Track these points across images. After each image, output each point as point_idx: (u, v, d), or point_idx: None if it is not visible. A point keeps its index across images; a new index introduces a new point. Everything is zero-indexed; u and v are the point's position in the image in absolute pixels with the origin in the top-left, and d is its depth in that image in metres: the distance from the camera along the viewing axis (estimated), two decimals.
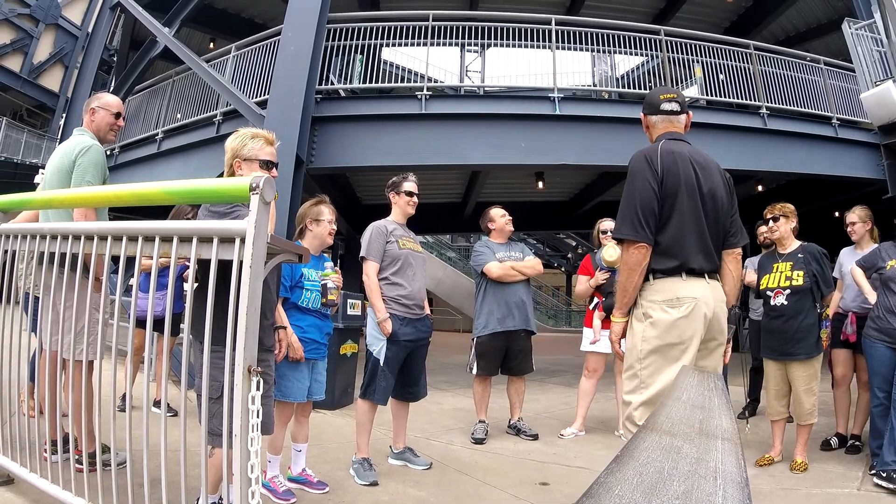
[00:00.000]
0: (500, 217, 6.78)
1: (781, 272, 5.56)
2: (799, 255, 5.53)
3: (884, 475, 4.80)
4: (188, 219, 5.91)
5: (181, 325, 2.92)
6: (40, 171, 4.99)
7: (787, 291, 5.46)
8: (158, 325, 3.52)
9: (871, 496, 4.75)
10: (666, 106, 3.65)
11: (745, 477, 1.20)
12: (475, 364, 6.46)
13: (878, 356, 5.34)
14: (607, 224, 6.78)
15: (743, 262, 6.99)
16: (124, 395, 5.50)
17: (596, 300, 6.72)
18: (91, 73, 13.84)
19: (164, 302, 5.32)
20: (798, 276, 5.44)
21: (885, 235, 5.76)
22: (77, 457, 3.08)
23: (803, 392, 5.35)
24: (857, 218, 6.27)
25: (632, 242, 3.30)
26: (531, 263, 6.63)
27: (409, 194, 5.41)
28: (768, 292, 5.63)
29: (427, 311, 5.41)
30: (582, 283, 6.86)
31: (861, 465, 5.46)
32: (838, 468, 5.41)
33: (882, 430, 5.15)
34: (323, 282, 4.67)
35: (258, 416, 2.41)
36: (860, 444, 5.90)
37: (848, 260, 6.21)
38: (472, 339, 6.57)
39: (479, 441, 6.22)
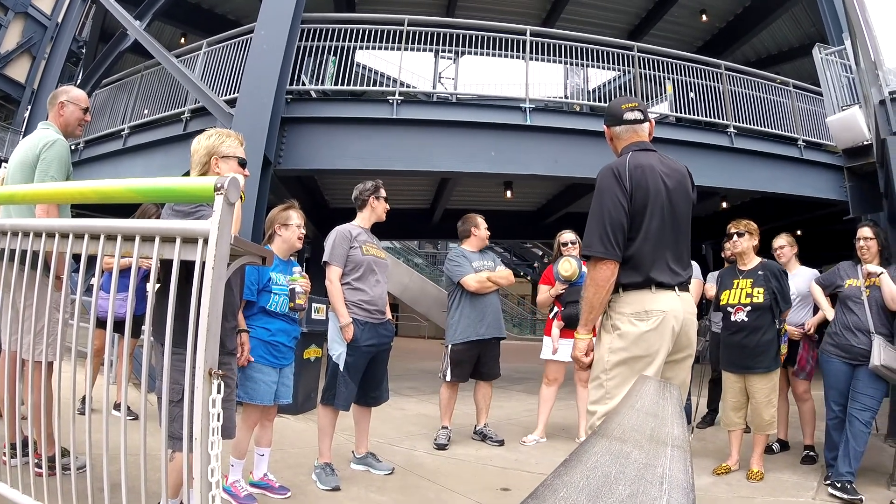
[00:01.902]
0: (483, 227, 6.83)
1: (742, 289, 5.66)
2: (759, 273, 5.62)
3: (838, 485, 4.89)
4: (154, 218, 5.90)
5: (143, 327, 2.88)
6: (2, 164, 4.91)
7: (748, 308, 5.56)
8: (119, 326, 3.48)
9: None
10: (629, 115, 3.62)
11: (691, 483, 1.21)
12: (449, 371, 6.45)
13: (833, 371, 5.46)
14: (567, 236, 6.87)
15: (705, 276, 7.10)
16: (84, 398, 5.43)
17: (556, 309, 6.77)
18: (59, 64, 13.64)
19: (126, 303, 5.28)
20: (759, 293, 5.54)
21: (846, 255, 5.85)
22: (36, 461, 3.03)
23: (763, 405, 5.47)
24: (785, 242, 6.62)
25: (600, 259, 3.27)
26: (505, 274, 6.70)
27: (386, 200, 5.45)
28: (728, 308, 5.73)
29: (388, 315, 5.41)
30: (543, 293, 6.89)
31: (817, 474, 5.56)
32: (794, 477, 5.51)
33: (837, 442, 5.26)
34: (291, 286, 4.65)
35: (219, 420, 2.38)
36: (815, 454, 6.04)
37: None
38: (446, 347, 6.56)
39: (441, 447, 6.23)
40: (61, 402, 2.96)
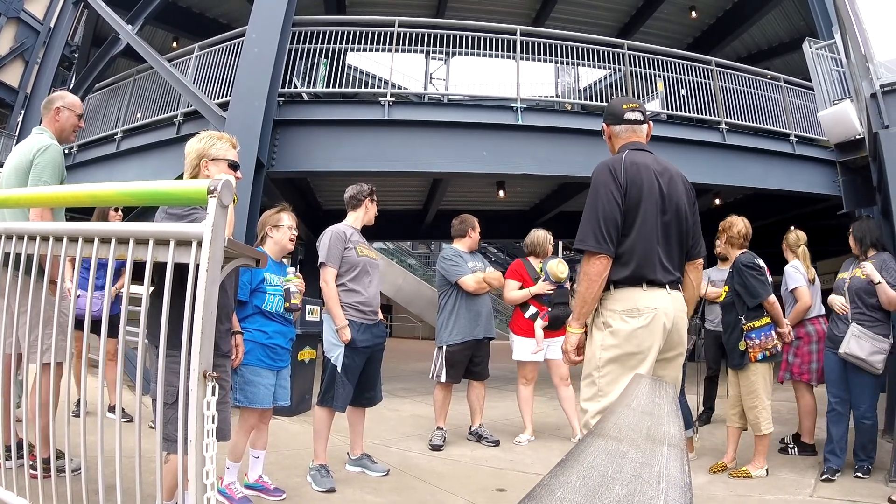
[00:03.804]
0: (478, 230, 6.86)
1: (725, 289, 5.83)
2: (730, 271, 5.70)
3: (856, 468, 5.17)
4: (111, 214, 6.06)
5: (118, 327, 2.87)
6: None
7: (720, 308, 5.81)
8: (96, 326, 3.48)
9: (822, 503, 4.83)
10: (629, 115, 3.63)
11: (688, 482, 1.20)
12: (444, 372, 6.44)
13: (828, 362, 5.55)
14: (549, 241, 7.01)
15: None
16: (79, 401, 5.42)
17: (534, 309, 6.72)
18: (52, 69, 13.62)
19: (100, 302, 5.30)
20: (724, 291, 5.76)
21: (840, 250, 5.86)
22: (31, 462, 3.03)
23: (745, 403, 5.49)
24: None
25: (593, 254, 3.26)
26: (496, 276, 6.69)
27: (377, 202, 5.47)
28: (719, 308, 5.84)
29: (380, 316, 5.42)
30: (514, 289, 6.84)
31: (814, 472, 5.54)
32: (791, 475, 5.49)
33: (833, 436, 5.32)
34: (286, 286, 4.66)
35: (214, 422, 2.38)
36: (787, 444, 6.25)
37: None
38: (440, 348, 6.54)
39: (436, 448, 6.24)
40: (56, 404, 2.95)
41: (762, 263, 5.53)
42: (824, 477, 5.18)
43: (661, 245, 3.37)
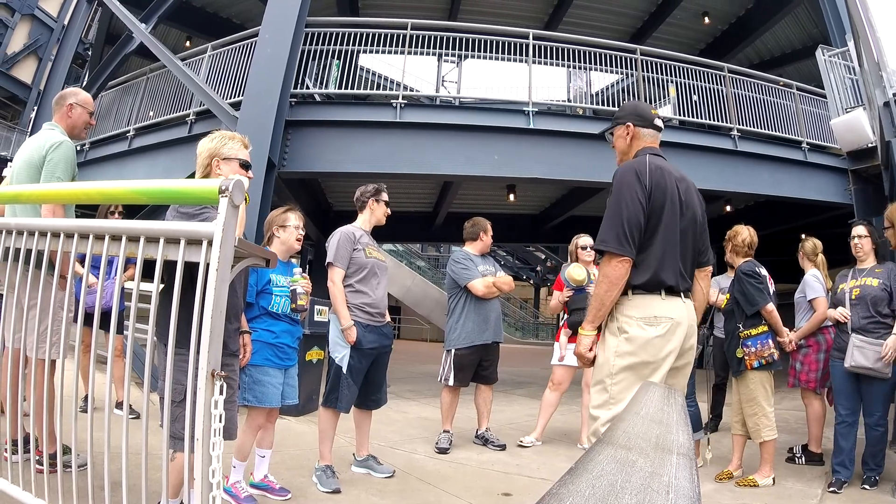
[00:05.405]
0: (490, 234, 6.82)
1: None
2: (732, 279, 5.70)
3: (863, 479, 5.14)
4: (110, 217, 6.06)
5: (125, 323, 2.88)
6: (8, 164, 4.95)
7: (723, 315, 5.78)
8: (105, 322, 3.49)
9: None
10: (658, 122, 3.60)
11: (697, 492, 1.20)
12: (452, 375, 6.42)
13: (836, 373, 5.48)
14: (585, 240, 6.77)
15: None
16: (86, 396, 5.43)
17: (565, 316, 6.72)
18: (65, 66, 13.70)
19: (107, 296, 5.34)
20: (726, 298, 5.74)
21: (851, 259, 5.81)
22: (38, 458, 3.04)
23: (745, 410, 5.48)
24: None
25: (615, 255, 3.20)
26: (507, 280, 6.66)
27: (387, 204, 5.44)
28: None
29: (388, 318, 5.42)
30: (555, 299, 6.86)
31: (820, 482, 5.51)
32: (797, 485, 5.45)
33: (843, 447, 5.26)
34: (292, 287, 4.66)
35: (221, 421, 2.38)
36: (796, 455, 6.21)
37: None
38: (448, 351, 6.53)
39: (443, 451, 6.22)
40: (63, 399, 2.96)
41: (764, 272, 5.52)
42: (831, 489, 5.14)
43: (680, 252, 3.34)
